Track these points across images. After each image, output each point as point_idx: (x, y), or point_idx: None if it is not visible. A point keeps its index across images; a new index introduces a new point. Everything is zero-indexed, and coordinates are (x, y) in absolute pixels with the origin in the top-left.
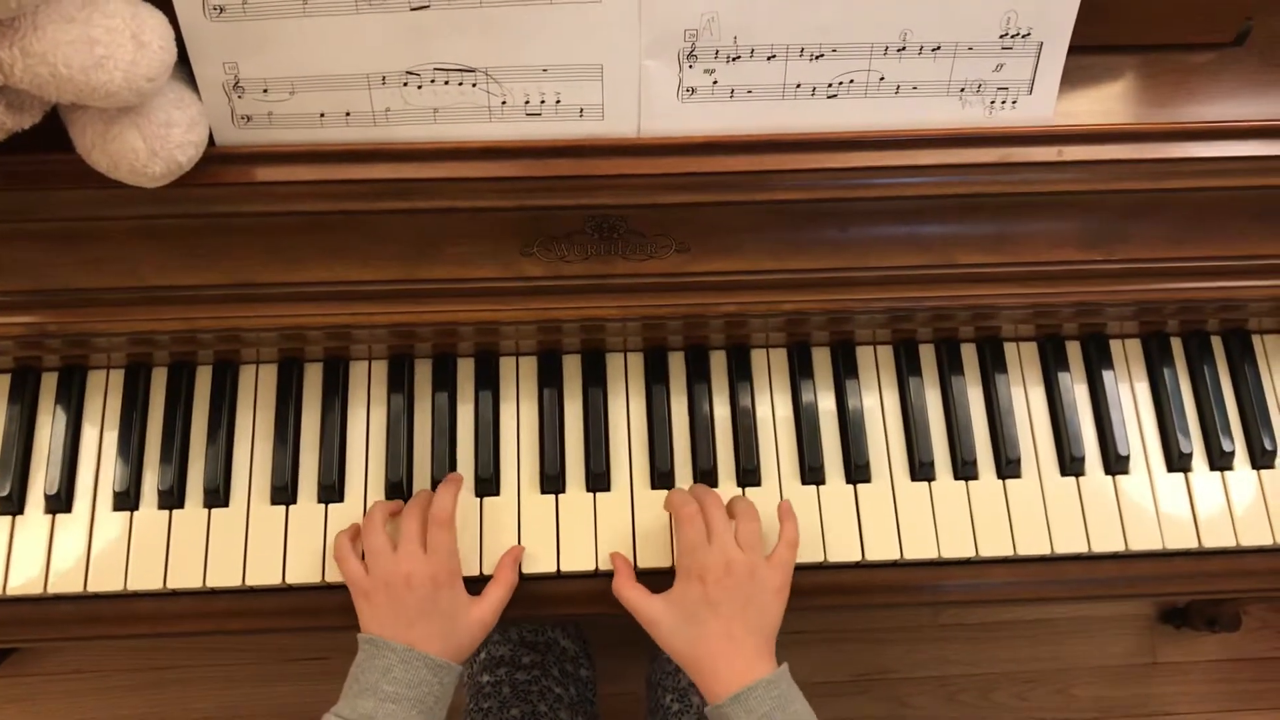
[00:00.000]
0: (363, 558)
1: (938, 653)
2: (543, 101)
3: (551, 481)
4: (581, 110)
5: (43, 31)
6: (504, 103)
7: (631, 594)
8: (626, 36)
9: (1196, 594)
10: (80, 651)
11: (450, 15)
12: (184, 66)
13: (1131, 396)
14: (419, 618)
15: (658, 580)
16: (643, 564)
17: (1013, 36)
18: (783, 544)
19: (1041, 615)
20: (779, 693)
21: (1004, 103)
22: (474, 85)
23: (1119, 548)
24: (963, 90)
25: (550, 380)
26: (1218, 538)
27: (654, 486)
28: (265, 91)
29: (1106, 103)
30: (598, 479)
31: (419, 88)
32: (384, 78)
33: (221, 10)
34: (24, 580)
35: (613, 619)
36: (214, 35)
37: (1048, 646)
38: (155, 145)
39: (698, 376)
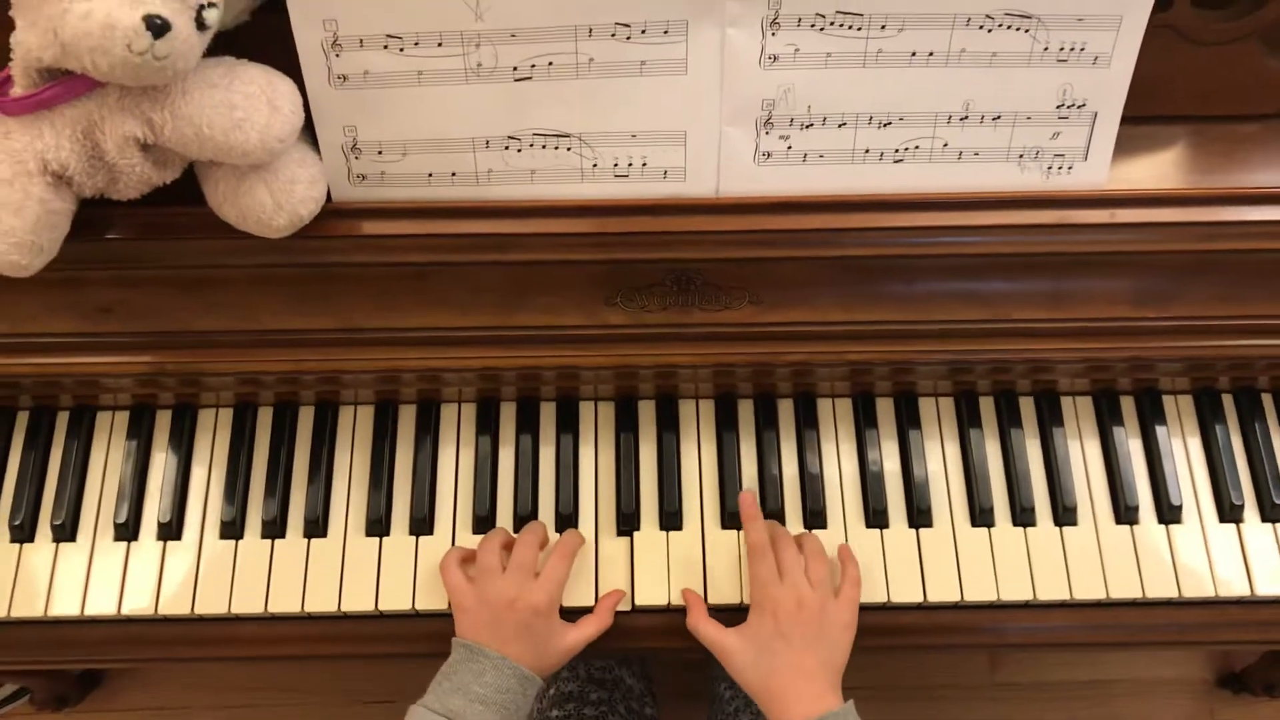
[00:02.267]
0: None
1: (993, 712)
2: (630, 164)
3: (627, 519)
4: (665, 172)
5: (190, 96)
6: (595, 165)
7: (707, 628)
8: (709, 106)
9: (1249, 643)
10: (163, 688)
11: (550, 86)
12: (307, 129)
13: (1184, 449)
14: (513, 638)
15: (726, 616)
16: (713, 600)
17: (1069, 107)
18: (848, 582)
19: (1097, 676)
20: None
21: (1060, 168)
22: (568, 149)
23: (1172, 594)
24: (1021, 156)
25: (626, 425)
26: (1270, 585)
27: (724, 526)
28: (380, 153)
29: (1158, 169)
30: (670, 517)
31: (519, 150)
32: (488, 141)
33: (345, 79)
34: (137, 602)
35: (677, 655)
36: (337, 101)
37: (1103, 708)
38: (281, 199)
39: (766, 423)
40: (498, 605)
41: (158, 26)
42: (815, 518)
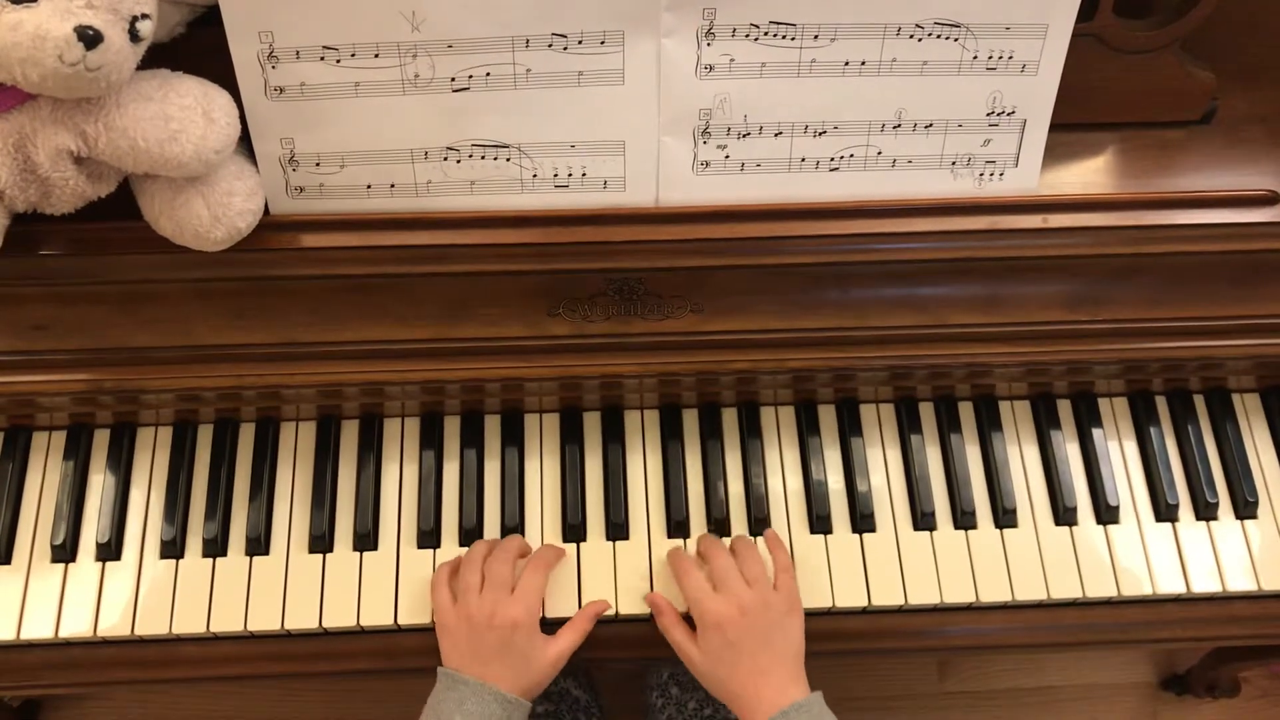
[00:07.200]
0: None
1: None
2: (570, 174)
3: (573, 531)
4: (605, 182)
5: (125, 109)
6: (535, 175)
7: (678, 634)
8: (647, 116)
9: (1186, 640)
10: None
11: (488, 96)
12: (244, 141)
13: (1120, 451)
14: (494, 656)
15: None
16: None
17: (999, 115)
18: (780, 570)
19: (1044, 682)
20: (812, 715)
21: (992, 175)
22: (508, 159)
23: (1111, 593)
24: (954, 163)
25: (572, 437)
26: (1205, 583)
27: (670, 535)
28: (318, 165)
29: (1088, 174)
30: (617, 528)
31: (458, 162)
32: (426, 152)
33: (281, 91)
34: (75, 625)
35: (622, 665)
36: (274, 113)
37: (1051, 714)
38: (218, 212)
39: (710, 432)
40: (477, 622)
41: (89, 37)
42: (760, 525)
